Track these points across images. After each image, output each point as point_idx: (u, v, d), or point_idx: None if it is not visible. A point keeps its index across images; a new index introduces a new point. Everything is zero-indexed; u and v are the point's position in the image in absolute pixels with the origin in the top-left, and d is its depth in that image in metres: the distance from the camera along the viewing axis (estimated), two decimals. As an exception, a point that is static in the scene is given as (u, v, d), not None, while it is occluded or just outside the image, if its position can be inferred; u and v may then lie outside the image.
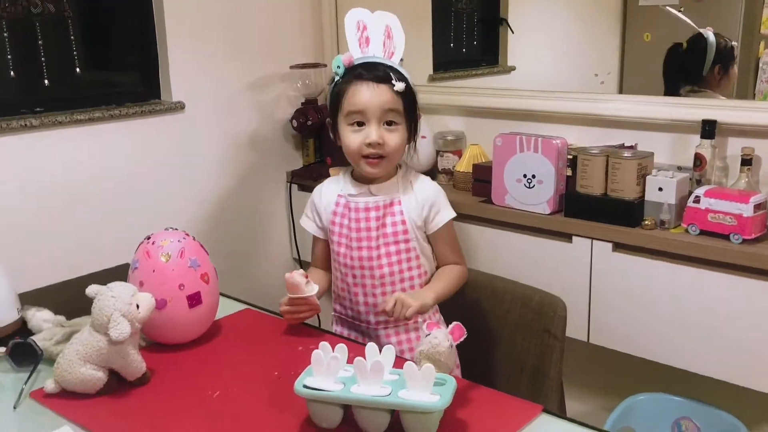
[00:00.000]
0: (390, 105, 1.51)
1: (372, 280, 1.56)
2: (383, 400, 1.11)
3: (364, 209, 1.57)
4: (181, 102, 2.38)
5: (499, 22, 2.96)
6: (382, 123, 1.52)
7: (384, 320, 1.57)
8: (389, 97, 1.51)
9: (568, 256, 1.95)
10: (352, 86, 1.52)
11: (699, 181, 1.86)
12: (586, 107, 2.12)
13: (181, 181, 2.42)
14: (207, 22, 2.43)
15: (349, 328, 1.65)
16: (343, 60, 1.54)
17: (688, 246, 1.74)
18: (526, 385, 1.65)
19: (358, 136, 1.52)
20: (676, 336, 1.80)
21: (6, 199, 2.03)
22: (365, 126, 1.52)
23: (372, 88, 1.51)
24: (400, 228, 1.56)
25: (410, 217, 1.57)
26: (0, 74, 2.09)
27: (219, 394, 1.28)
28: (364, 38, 1.56)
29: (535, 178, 1.98)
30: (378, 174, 1.56)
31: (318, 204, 1.65)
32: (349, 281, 1.59)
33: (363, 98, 1.50)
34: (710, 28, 2.35)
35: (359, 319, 1.61)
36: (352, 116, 1.52)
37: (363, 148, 1.52)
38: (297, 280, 1.47)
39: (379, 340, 1.59)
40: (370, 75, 1.52)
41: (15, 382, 1.33)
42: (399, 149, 1.55)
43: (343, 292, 1.62)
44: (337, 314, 1.67)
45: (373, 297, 1.57)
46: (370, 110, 1.50)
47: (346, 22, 1.56)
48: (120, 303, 1.25)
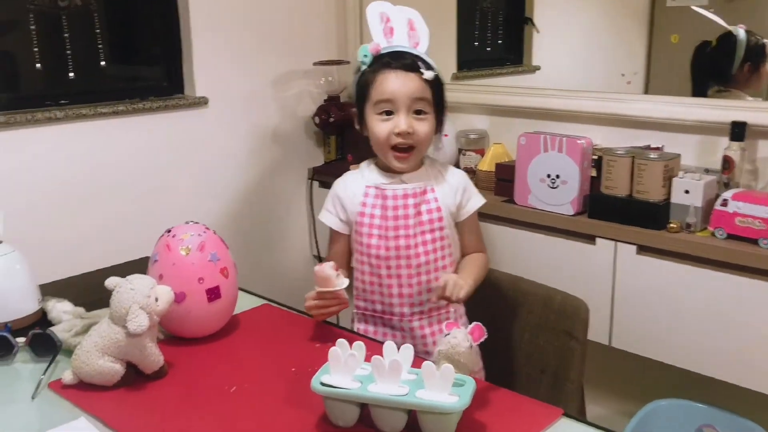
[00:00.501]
0: (419, 93, 1.49)
1: (408, 269, 1.54)
2: (401, 400, 1.09)
3: (402, 196, 1.54)
4: (204, 97, 2.39)
5: (525, 21, 2.93)
6: (411, 112, 1.50)
7: (419, 311, 1.55)
8: (418, 85, 1.49)
9: (591, 258, 1.92)
10: (381, 75, 1.50)
11: (727, 184, 1.82)
12: (612, 107, 2.09)
13: (202, 176, 2.43)
14: (231, 18, 2.43)
15: (374, 325, 1.62)
16: (370, 49, 1.52)
17: (715, 250, 1.71)
18: (546, 387, 1.63)
19: (386, 125, 1.50)
20: (699, 341, 1.77)
21: (29, 190, 2.05)
22: (394, 115, 1.50)
23: (401, 76, 1.49)
24: (436, 215, 1.54)
25: (445, 204, 1.55)
26: (26, 66, 2.11)
27: (236, 389, 1.27)
28: (388, 28, 1.54)
29: (559, 178, 1.95)
30: (406, 168, 1.54)
31: (343, 196, 1.60)
32: (383, 273, 1.55)
33: (392, 86, 1.48)
34: (742, 25, 2.31)
35: (391, 312, 1.57)
36: (381, 105, 1.50)
37: (392, 137, 1.50)
38: (328, 273, 1.43)
39: (413, 332, 1.57)
40: (398, 63, 1.50)
41: (34, 372, 1.34)
42: (428, 139, 1.53)
43: (372, 286, 1.58)
44: (361, 311, 1.63)
45: (409, 287, 1.55)
46: (399, 99, 1.48)
47: (368, 14, 1.54)
48: (139, 295, 1.25)
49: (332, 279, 1.43)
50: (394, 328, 1.59)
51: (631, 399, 2.21)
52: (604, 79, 2.75)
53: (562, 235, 1.99)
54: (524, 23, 2.94)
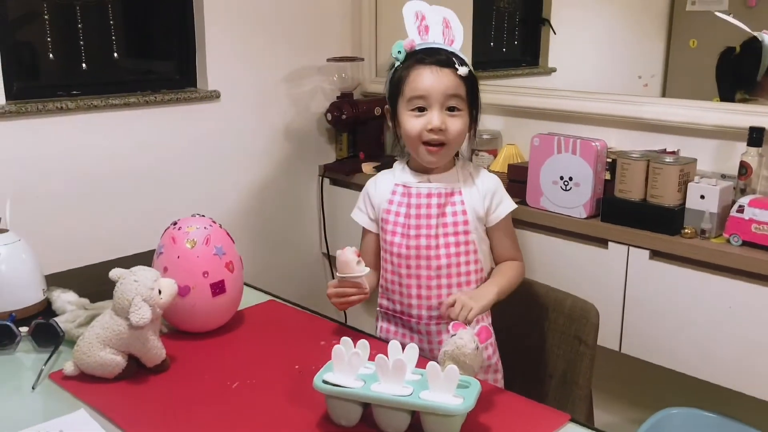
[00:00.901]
0: (453, 90, 1.47)
1: (428, 271, 1.51)
2: (404, 400, 1.07)
3: (426, 195, 1.52)
4: (216, 91, 2.38)
5: (541, 23, 2.91)
6: (444, 108, 1.48)
7: (437, 315, 1.53)
8: (452, 81, 1.47)
9: (603, 262, 1.90)
10: (414, 71, 1.49)
11: (743, 190, 1.79)
12: (627, 110, 2.06)
13: (212, 170, 2.42)
14: (245, 12, 2.42)
15: (395, 325, 1.60)
16: (405, 45, 1.51)
17: (730, 257, 1.68)
18: (554, 392, 1.60)
19: (419, 122, 1.48)
20: (711, 350, 1.74)
21: (38, 179, 2.04)
22: (427, 111, 1.48)
23: (435, 72, 1.47)
24: (461, 218, 1.52)
25: (472, 207, 1.53)
26: (39, 56, 2.11)
27: (238, 385, 1.26)
28: (423, 26, 1.53)
29: (572, 180, 1.93)
30: (437, 163, 1.52)
31: (372, 194, 1.59)
32: (403, 272, 1.53)
33: (425, 83, 1.47)
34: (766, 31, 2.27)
35: (409, 314, 1.55)
36: (414, 101, 1.49)
37: (424, 133, 1.48)
38: (348, 257, 1.40)
39: (430, 336, 1.54)
40: (432, 59, 1.48)
41: (36, 362, 1.33)
42: (460, 136, 1.51)
43: (393, 285, 1.56)
44: (383, 310, 1.61)
45: (428, 289, 1.52)
46: (432, 95, 1.47)
47: (404, 12, 1.53)
48: (142, 288, 1.23)
49: (352, 264, 1.40)
50: (412, 330, 1.57)
51: (640, 407, 2.17)
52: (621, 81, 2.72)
53: (574, 238, 1.96)
54: (541, 24, 2.91)
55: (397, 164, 1.62)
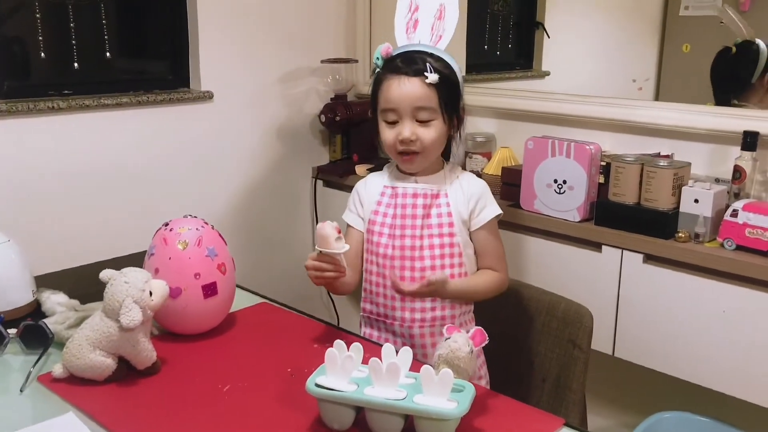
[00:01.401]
0: (421, 102, 1.47)
1: (412, 272, 1.51)
2: (397, 404, 1.06)
3: (411, 195, 1.53)
4: (209, 91, 2.36)
5: (535, 26, 2.91)
6: (415, 119, 1.48)
7: (420, 318, 1.53)
8: (421, 92, 1.46)
9: (596, 265, 1.89)
10: (386, 81, 1.49)
11: (737, 194, 1.79)
12: (621, 113, 2.06)
13: (205, 171, 2.40)
14: (239, 12, 2.41)
15: (378, 330, 1.59)
16: (381, 51, 1.51)
17: (723, 261, 1.68)
18: (548, 396, 1.60)
19: (392, 133, 1.50)
20: (705, 354, 1.74)
21: (28, 180, 2.02)
22: (398, 123, 1.49)
23: (404, 83, 1.47)
24: (446, 220, 1.52)
25: (457, 210, 1.53)
26: (30, 55, 2.09)
27: (229, 388, 1.24)
28: (413, 21, 1.53)
29: (566, 183, 1.92)
30: (414, 170, 1.53)
31: (362, 194, 1.60)
32: (387, 274, 1.53)
33: (394, 95, 1.47)
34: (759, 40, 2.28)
35: (393, 316, 1.55)
36: (386, 113, 1.50)
37: (397, 144, 1.49)
38: (327, 232, 1.36)
39: (413, 339, 1.53)
40: (404, 68, 1.48)
41: (24, 364, 1.31)
42: (435, 144, 1.50)
43: (378, 287, 1.56)
44: (367, 314, 1.60)
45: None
46: (401, 107, 1.47)
47: (398, 2, 1.52)
48: (133, 289, 1.22)
49: (330, 240, 1.36)
50: (395, 333, 1.56)
51: (633, 410, 2.17)
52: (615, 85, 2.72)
53: (567, 241, 1.96)
54: (535, 28, 2.91)
55: (386, 167, 1.62)
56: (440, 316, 1.53)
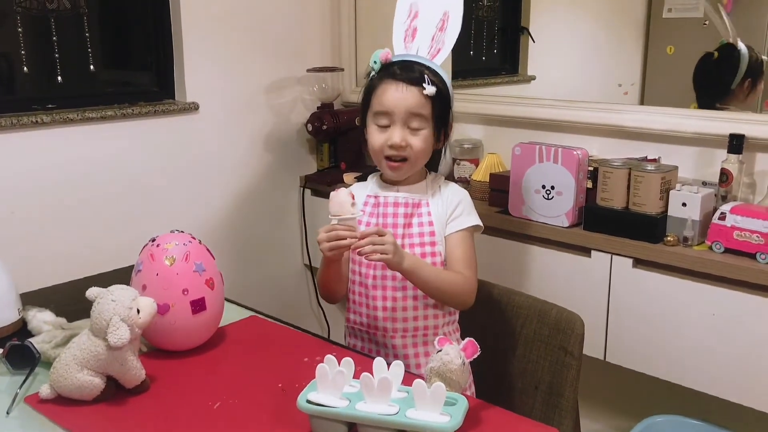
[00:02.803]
0: (416, 109, 1.47)
1: (393, 281, 1.51)
2: (390, 419, 1.06)
3: (393, 204, 1.53)
4: (195, 102, 2.35)
5: (521, 31, 2.91)
6: (407, 126, 1.48)
7: (402, 329, 1.52)
8: (417, 100, 1.47)
9: (586, 271, 1.89)
10: (383, 85, 1.49)
11: (725, 197, 1.80)
12: (608, 118, 2.06)
13: (192, 183, 2.39)
14: (223, 22, 2.39)
15: (362, 340, 1.59)
16: (380, 56, 1.51)
17: (712, 264, 1.68)
18: (540, 403, 1.59)
19: (382, 136, 1.50)
20: (695, 357, 1.74)
21: (13, 195, 2.00)
22: (390, 127, 1.49)
23: (401, 89, 1.47)
24: (427, 229, 1.52)
25: (438, 219, 1.53)
26: (13, 69, 2.07)
27: (220, 405, 1.23)
28: (412, 29, 1.53)
29: (554, 189, 1.92)
30: (399, 177, 1.53)
31: None
32: (369, 283, 1.53)
33: (390, 99, 1.48)
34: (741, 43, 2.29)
35: (375, 326, 1.54)
36: (378, 116, 1.50)
37: (386, 148, 1.49)
38: (343, 198, 1.35)
39: (395, 350, 1.53)
40: (402, 75, 1.48)
41: (10, 385, 1.29)
42: (422, 153, 1.51)
43: (360, 297, 1.56)
44: (351, 324, 1.60)
45: (393, 301, 1.52)
46: (395, 112, 1.47)
47: (398, 5, 1.52)
48: (120, 307, 1.20)
49: (346, 205, 1.35)
50: (378, 344, 1.56)
51: (626, 415, 2.17)
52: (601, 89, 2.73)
53: (556, 247, 1.96)
54: (520, 33, 2.92)
55: (371, 177, 1.62)
56: (423, 326, 1.53)
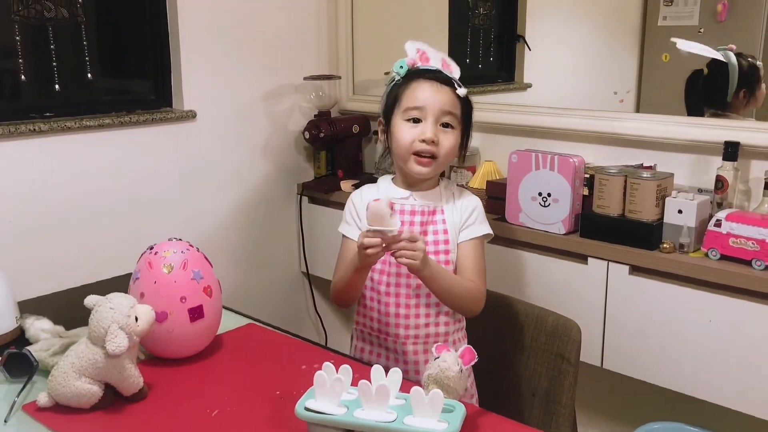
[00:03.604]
0: (449, 107, 1.50)
1: (407, 289, 1.51)
2: (388, 427, 1.06)
3: (409, 212, 1.53)
4: (192, 111, 2.35)
5: (516, 39, 2.92)
6: (439, 123, 1.50)
7: (414, 335, 1.52)
8: (450, 99, 1.50)
9: (582, 278, 1.90)
10: (415, 82, 1.52)
11: (720, 204, 1.81)
12: (604, 125, 2.07)
13: (189, 191, 2.39)
14: (221, 31, 2.40)
15: (370, 344, 1.59)
16: (408, 62, 1.54)
17: (708, 271, 1.69)
18: (538, 410, 1.59)
19: (412, 132, 1.50)
20: (692, 363, 1.74)
21: (11, 204, 2.00)
22: (421, 123, 1.50)
23: (435, 86, 1.50)
24: (442, 237, 1.52)
25: (452, 227, 1.53)
26: (11, 78, 2.07)
27: (218, 413, 1.23)
28: (424, 57, 1.56)
29: (551, 196, 1.93)
30: (426, 175, 1.53)
31: (358, 206, 1.58)
32: (382, 290, 1.53)
33: (424, 94, 1.49)
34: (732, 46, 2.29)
35: (386, 332, 1.54)
36: (410, 112, 1.50)
37: (416, 143, 1.49)
38: (383, 210, 1.32)
39: (406, 356, 1.53)
40: (433, 75, 1.51)
41: (8, 393, 1.29)
42: (451, 152, 1.52)
43: (372, 302, 1.55)
44: (360, 328, 1.60)
45: (406, 308, 1.52)
46: (429, 108, 1.49)
47: (406, 47, 1.57)
48: (118, 315, 1.21)
49: (387, 217, 1.34)
50: (388, 349, 1.56)
51: (623, 422, 2.17)
52: (596, 97, 2.74)
53: (553, 254, 1.96)
54: (516, 41, 2.93)
55: (381, 180, 1.62)
56: (434, 333, 1.53)
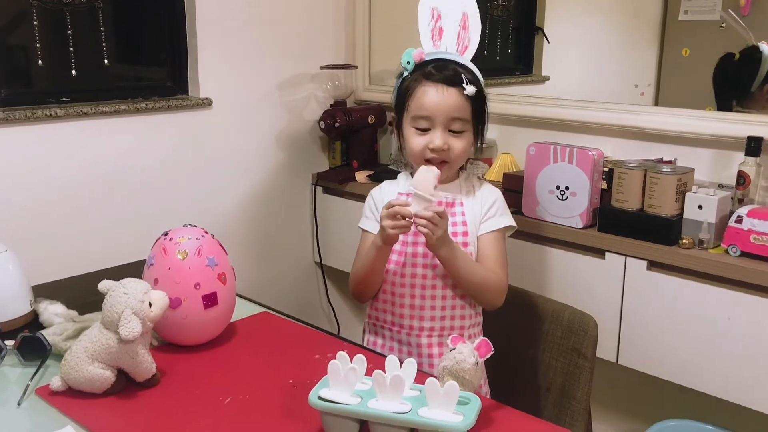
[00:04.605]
0: (457, 113, 1.46)
1: (423, 280, 1.49)
2: (402, 418, 1.05)
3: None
4: (208, 98, 2.35)
5: (535, 31, 2.89)
6: (448, 129, 1.47)
7: (429, 327, 1.51)
8: (458, 102, 1.46)
9: (600, 272, 1.88)
10: (421, 87, 1.48)
11: (741, 200, 1.78)
12: (624, 119, 2.04)
13: (204, 178, 2.39)
14: (238, 19, 2.39)
15: (383, 338, 1.57)
16: (414, 56, 1.49)
17: (728, 267, 1.66)
18: (552, 405, 1.58)
19: (422, 140, 1.48)
20: (709, 361, 1.72)
21: (26, 188, 2.01)
22: (430, 131, 1.47)
23: (441, 91, 1.46)
24: (461, 229, 1.51)
25: (472, 219, 1.51)
26: (27, 62, 2.07)
27: (230, 401, 1.22)
28: (437, 29, 1.51)
29: (569, 190, 1.91)
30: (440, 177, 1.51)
31: (378, 200, 1.57)
32: (397, 281, 1.51)
33: (431, 103, 1.46)
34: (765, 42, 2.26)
35: (400, 324, 1.53)
36: (418, 120, 1.48)
37: (426, 152, 1.47)
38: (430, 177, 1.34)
39: (420, 349, 1.51)
40: (439, 75, 1.47)
41: (21, 377, 1.29)
42: (462, 155, 1.50)
43: (386, 294, 1.54)
44: (372, 320, 1.59)
45: (422, 299, 1.50)
46: (436, 116, 1.46)
47: (419, 10, 1.51)
48: (132, 300, 1.20)
49: (430, 185, 1.33)
50: (401, 342, 1.54)
51: (638, 419, 2.15)
52: (616, 90, 2.71)
53: (570, 248, 1.94)
54: (535, 33, 2.90)
55: (401, 175, 1.61)
56: (449, 326, 1.51)
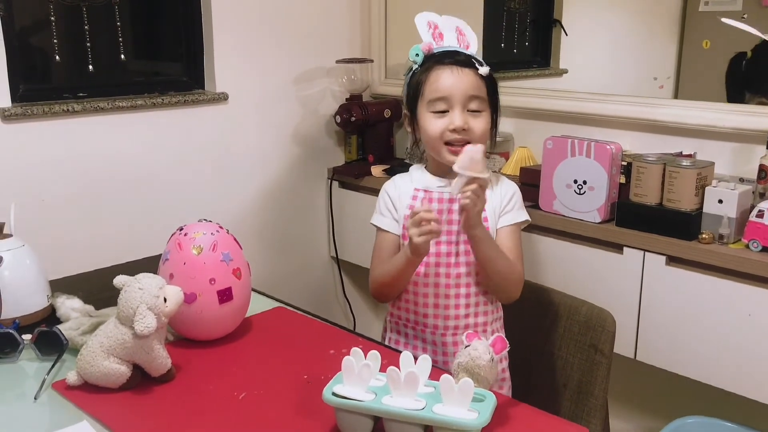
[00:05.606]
0: (474, 90, 1.45)
1: (447, 279, 1.48)
2: (416, 415, 1.04)
3: (448, 200, 1.49)
4: (224, 93, 2.35)
5: (553, 24, 2.87)
6: (466, 109, 1.45)
7: (453, 326, 1.49)
8: (474, 81, 1.45)
9: (618, 267, 1.86)
10: (434, 72, 1.46)
11: (762, 194, 1.75)
12: (642, 112, 2.02)
13: (220, 173, 2.39)
14: (253, 13, 2.39)
15: (405, 336, 1.56)
16: (422, 47, 1.49)
17: (749, 263, 1.64)
18: (569, 402, 1.57)
19: (441, 122, 1.46)
20: (729, 357, 1.70)
21: (43, 183, 2.02)
22: (448, 112, 1.46)
23: (455, 72, 1.45)
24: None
25: (491, 213, 1.50)
26: (45, 58, 2.08)
27: (245, 396, 1.22)
28: (438, 34, 1.51)
29: (586, 184, 1.89)
30: None
31: (393, 196, 1.55)
32: (420, 280, 1.50)
33: (446, 83, 1.44)
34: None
35: (424, 323, 1.51)
36: (435, 103, 1.46)
37: (446, 134, 1.45)
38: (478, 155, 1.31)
39: (445, 347, 1.50)
40: (451, 59, 1.46)
41: (38, 371, 1.30)
42: (484, 136, 1.47)
43: (408, 293, 1.52)
44: (395, 320, 1.57)
45: (445, 298, 1.49)
46: (454, 96, 1.44)
47: (417, 23, 1.51)
48: (147, 295, 1.20)
49: (479, 164, 1.32)
50: (425, 341, 1.53)
51: (655, 415, 2.13)
52: (634, 83, 2.67)
53: (588, 243, 1.92)
54: (552, 25, 2.87)
55: (413, 168, 1.59)
56: (473, 323, 1.49)
